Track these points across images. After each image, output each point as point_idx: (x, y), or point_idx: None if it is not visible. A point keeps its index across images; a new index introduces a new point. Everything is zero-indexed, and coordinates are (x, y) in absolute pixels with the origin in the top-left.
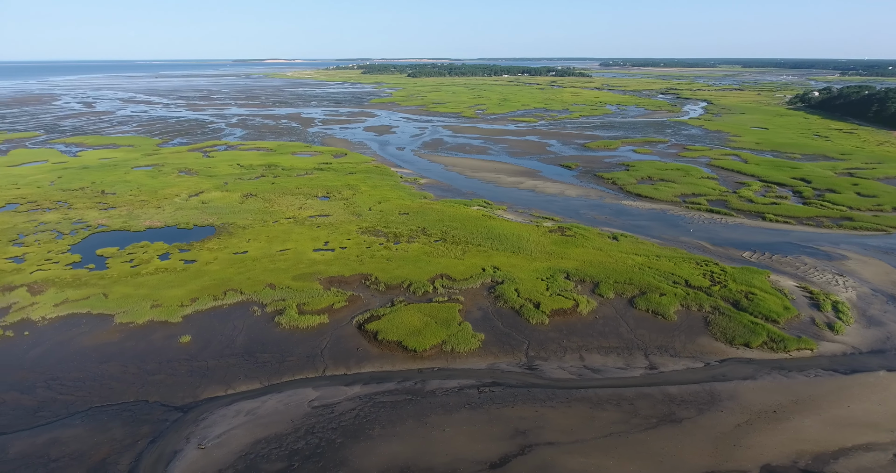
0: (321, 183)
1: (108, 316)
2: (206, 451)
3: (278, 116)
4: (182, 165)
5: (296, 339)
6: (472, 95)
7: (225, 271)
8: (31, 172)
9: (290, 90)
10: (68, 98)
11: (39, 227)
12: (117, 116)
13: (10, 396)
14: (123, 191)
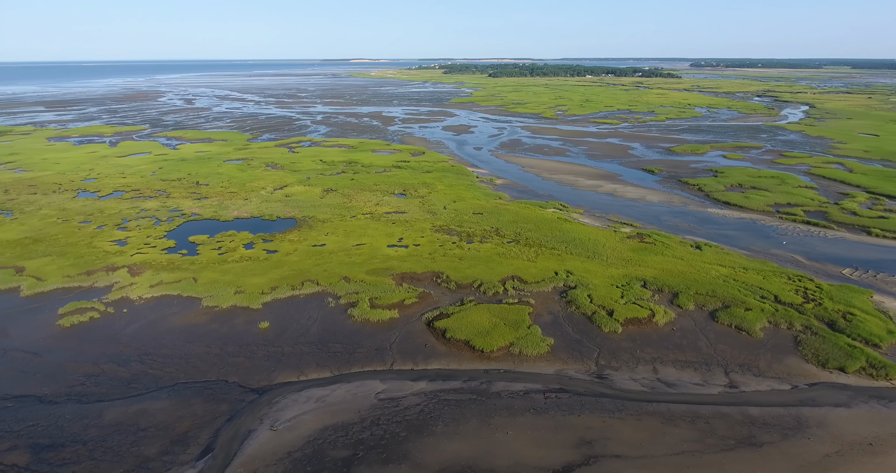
0: (398, 180)
1: (197, 299)
2: (278, 433)
3: (360, 115)
4: (269, 160)
5: (366, 332)
6: (553, 95)
7: (303, 262)
8: (136, 162)
9: (372, 89)
10: (171, 95)
11: (141, 213)
12: (213, 113)
13: (108, 367)
14: (215, 183)
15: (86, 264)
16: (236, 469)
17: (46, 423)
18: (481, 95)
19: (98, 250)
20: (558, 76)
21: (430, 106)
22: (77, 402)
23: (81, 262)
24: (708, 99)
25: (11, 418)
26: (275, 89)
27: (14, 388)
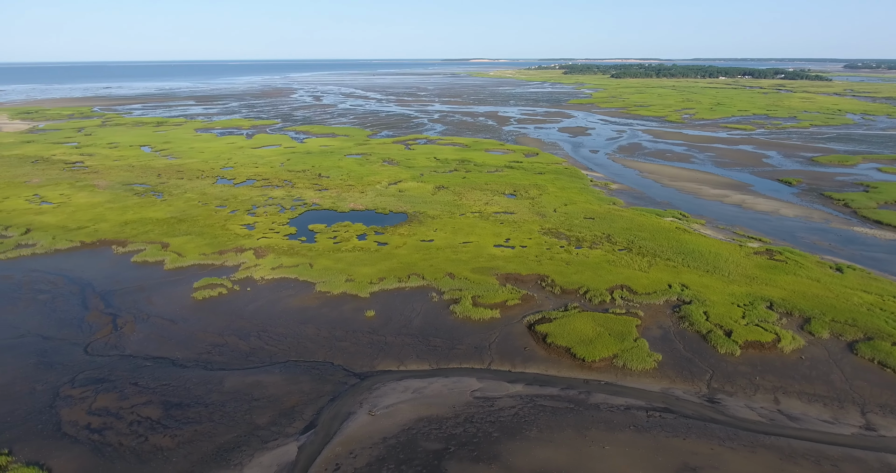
0: (509, 181)
1: (311, 284)
2: (376, 418)
3: (476, 114)
4: (386, 156)
5: (467, 329)
6: (681, 98)
7: (411, 256)
8: (267, 154)
9: (490, 89)
10: (302, 92)
11: (268, 201)
12: (338, 109)
13: (231, 339)
14: (336, 175)
15: (219, 245)
16: (335, 447)
17: (176, 384)
18: (601, 96)
19: (230, 233)
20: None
21: (547, 107)
22: (203, 368)
23: (215, 242)
24: (863, 105)
25: (149, 376)
26: (396, 88)
27: (153, 350)
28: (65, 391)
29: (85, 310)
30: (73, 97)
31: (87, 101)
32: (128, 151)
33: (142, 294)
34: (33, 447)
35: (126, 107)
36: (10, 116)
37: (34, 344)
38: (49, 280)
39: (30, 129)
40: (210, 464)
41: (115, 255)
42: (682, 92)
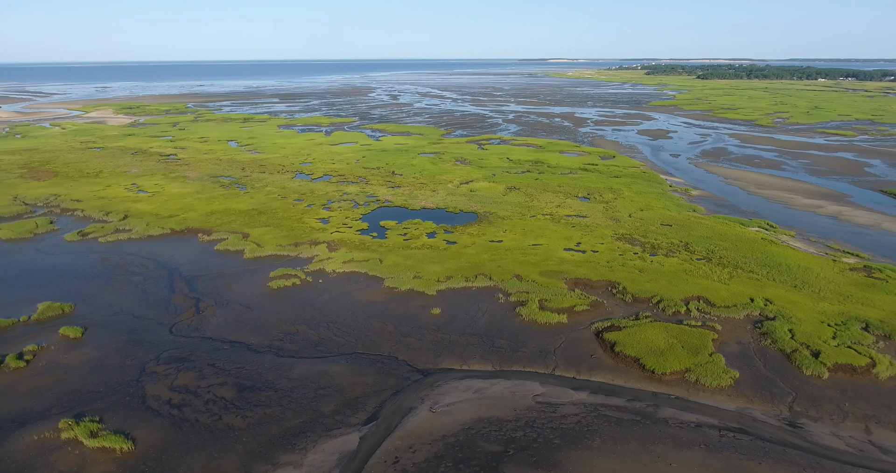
0: (583, 183)
1: (380, 279)
2: (436, 415)
3: (552, 115)
4: (459, 155)
5: (532, 332)
6: (773, 100)
7: (479, 256)
8: (344, 151)
9: (567, 89)
10: (380, 91)
11: (343, 196)
12: (414, 108)
13: (302, 328)
14: (409, 173)
15: (295, 237)
16: (395, 440)
17: (250, 368)
18: (686, 98)
19: (306, 226)
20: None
21: (627, 108)
22: (274, 354)
23: (292, 234)
24: None
25: (226, 359)
26: (472, 88)
27: (230, 334)
28: (150, 368)
29: (171, 293)
30: (170, 94)
31: (182, 98)
32: (216, 146)
33: (222, 281)
34: (120, 416)
35: (216, 104)
36: (115, 110)
37: (126, 322)
38: (142, 264)
39: (131, 123)
40: (276, 446)
41: (200, 243)
42: (775, 94)
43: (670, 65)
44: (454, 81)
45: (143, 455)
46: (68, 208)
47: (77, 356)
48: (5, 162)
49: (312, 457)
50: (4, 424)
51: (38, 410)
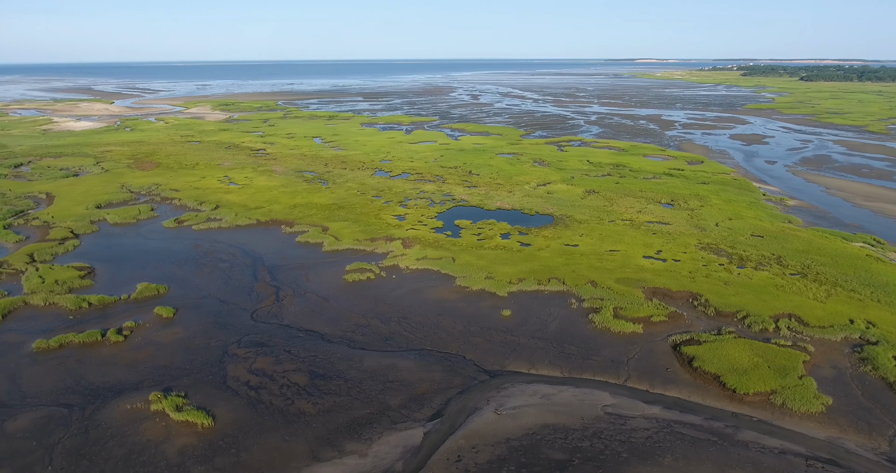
0: (667, 189)
1: (452, 278)
2: (501, 417)
3: (637, 117)
4: (537, 156)
5: (604, 341)
6: (887, 105)
7: (553, 259)
8: (423, 149)
9: (655, 91)
10: (461, 91)
11: (420, 194)
12: (494, 108)
13: (373, 322)
14: (485, 173)
15: (371, 232)
16: (458, 439)
17: (323, 357)
18: (786, 101)
19: (382, 222)
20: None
21: (719, 111)
22: (346, 345)
23: (368, 230)
24: None
25: (300, 347)
26: (554, 88)
27: (306, 323)
28: (232, 350)
29: (254, 280)
30: (261, 92)
31: (273, 95)
32: (302, 142)
33: (301, 272)
34: (203, 394)
35: (304, 101)
36: (213, 107)
37: (213, 305)
38: (229, 251)
39: (226, 119)
40: (343, 434)
41: (283, 234)
42: (890, 99)
43: (770, 66)
44: (536, 82)
45: (221, 432)
46: (167, 196)
47: (168, 335)
48: (116, 153)
49: (377, 448)
50: (103, 392)
51: (132, 382)
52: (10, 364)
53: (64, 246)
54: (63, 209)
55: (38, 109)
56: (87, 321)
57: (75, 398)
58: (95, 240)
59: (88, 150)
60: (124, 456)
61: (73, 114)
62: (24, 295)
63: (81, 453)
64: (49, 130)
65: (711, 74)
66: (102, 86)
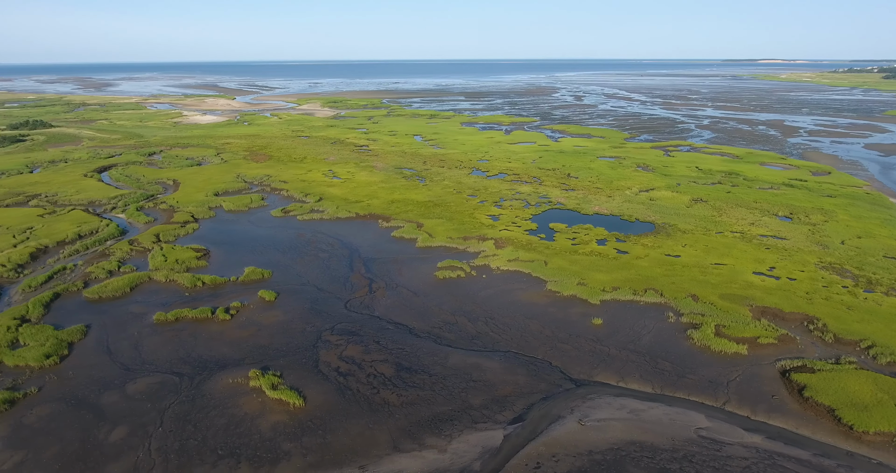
0: (786, 201)
1: (542, 281)
2: (584, 429)
3: (755, 122)
4: (641, 161)
5: (703, 359)
6: None
7: (652, 269)
8: (521, 150)
9: (778, 94)
10: (564, 91)
11: (515, 195)
12: (598, 110)
13: (461, 320)
14: (584, 177)
15: (465, 231)
16: (539, 446)
17: (409, 350)
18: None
19: (476, 221)
20: None
21: (853, 117)
22: (433, 341)
23: (462, 228)
24: None
25: (389, 339)
26: (663, 90)
27: (395, 316)
28: (325, 336)
29: (350, 271)
30: (368, 90)
31: (378, 94)
32: (403, 140)
33: (394, 266)
34: (297, 375)
35: (407, 100)
36: (322, 104)
37: (311, 293)
38: (329, 242)
39: (334, 115)
40: (424, 428)
41: (379, 228)
42: None
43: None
44: (644, 83)
45: (310, 413)
46: (276, 187)
47: (269, 317)
48: (234, 145)
49: (456, 445)
50: (209, 365)
51: (234, 358)
52: (134, 333)
53: (185, 229)
54: (186, 195)
55: (170, 103)
56: (200, 299)
57: (186, 368)
58: (212, 225)
59: (211, 141)
60: (224, 426)
61: (200, 108)
62: (149, 271)
63: (188, 419)
64: (179, 123)
65: (847, 76)
66: (227, 83)
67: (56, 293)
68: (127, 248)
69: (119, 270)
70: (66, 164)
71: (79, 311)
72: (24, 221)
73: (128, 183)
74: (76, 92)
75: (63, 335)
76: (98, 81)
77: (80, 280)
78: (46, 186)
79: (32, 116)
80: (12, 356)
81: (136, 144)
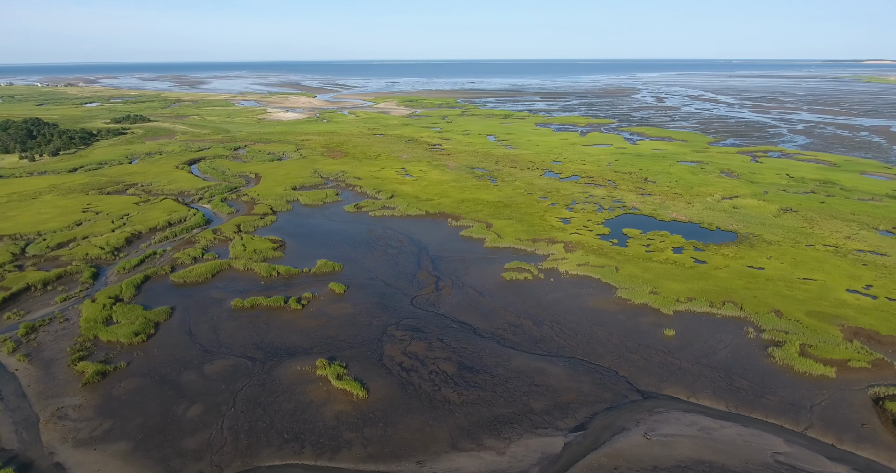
0: (888, 214)
1: (612, 288)
2: (650, 443)
3: (857, 127)
4: (725, 167)
5: (784, 380)
6: None
7: (732, 281)
8: (596, 152)
9: (885, 97)
10: (645, 93)
11: (588, 198)
12: (680, 112)
13: (526, 322)
14: (662, 181)
15: (534, 233)
16: (601, 457)
17: (472, 350)
18: None
19: (546, 224)
20: None
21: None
22: (496, 342)
23: (531, 230)
24: None
25: (452, 337)
26: (754, 92)
27: (460, 315)
28: (390, 331)
29: (417, 269)
30: (444, 90)
31: (453, 93)
32: (476, 139)
33: (462, 265)
34: (361, 367)
35: (482, 100)
36: (398, 102)
37: (378, 287)
38: (398, 239)
39: (409, 114)
40: (483, 429)
41: (448, 227)
42: None
43: None
44: (733, 84)
45: (373, 405)
46: (351, 183)
47: (338, 309)
48: (313, 142)
49: (515, 449)
50: (279, 352)
51: (303, 346)
52: (213, 317)
53: (264, 220)
54: (266, 189)
55: (256, 100)
56: (275, 288)
57: (258, 353)
58: (288, 217)
59: (291, 137)
60: (290, 411)
61: (283, 106)
62: (229, 259)
63: (258, 402)
64: (263, 119)
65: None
66: (308, 81)
67: (146, 276)
68: (211, 236)
69: (203, 257)
70: (160, 156)
71: (165, 293)
72: (122, 207)
73: (214, 175)
74: (172, 89)
75: (151, 316)
76: (192, 78)
77: (167, 265)
78: (143, 176)
79: (133, 111)
80: (106, 332)
81: (223, 139)
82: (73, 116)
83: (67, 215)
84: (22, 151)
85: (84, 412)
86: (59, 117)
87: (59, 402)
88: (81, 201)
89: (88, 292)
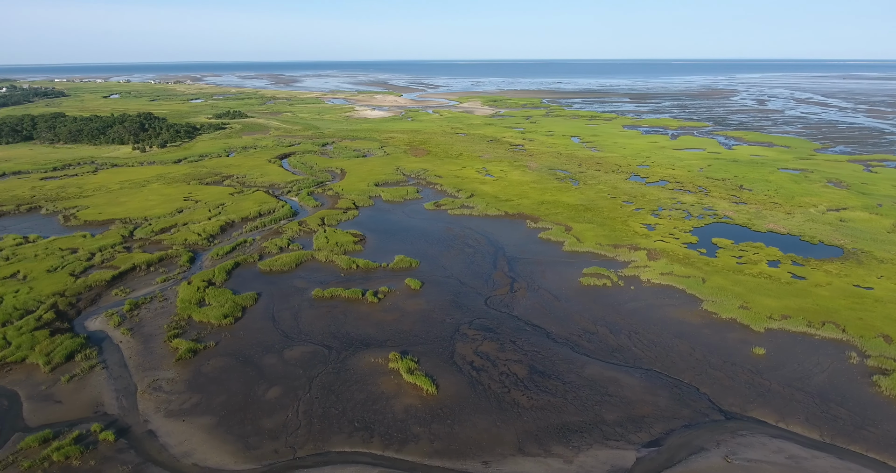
0: None
1: (698, 300)
2: (730, 467)
3: None
4: (833, 176)
5: (890, 411)
6: None
7: (834, 300)
8: (687, 157)
9: None
10: (745, 95)
11: (676, 205)
12: (784, 116)
13: (602, 330)
14: (760, 190)
15: (616, 238)
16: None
17: (545, 355)
18: None
19: (629, 229)
20: None
21: None
22: (570, 348)
23: (613, 235)
24: None
25: (525, 340)
26: (872, 95)
27: (534, 318)
28: (463, 329)
29: (493, 269)
30: (529, 90)
31: (538, 93)
32: (559, 140)
33: (538, 267)
34: (432, 363)
35: (568, 100)
36: (482, 102)
37: (453, 285)
38: (475, 238)
39: (493, 114)
40: (551, 435)
41: (526, 228)
42: None
43: None
44: (846, 87)
45: (441, 402)
46: (431, 181)
47: (413, 304)
48: (396, 139)
49: (583, 459)
50: (355, 342)
51: (378, 339)
52: (295, 305)
53: (346, 215)
54: (350, 184)
55: (345, 98)
56: (353, 281)
57: (335, 342)
58: (370, 213)
59: (376, 135)
60: (362, 401)
61: (370, 104)
62: (312, 250)
63: (332, 389)
64: (350, 117)
65: None
66: (395, 81)
67: (237, 262)
68: (296, 228)
69: (288, 247)
70: (255, 150)
71: (253, 280)
72: (218, 197)
73: (302, 170)
74: (269, 87)
75: (239, 300)
76: (287, 77)
77: (256, 253)
78: (238, 168)
79: (233, 107)
80: (199, 313)
81: (312, 135)
82: (180, 111)
83: (171, 203)
84: (135, 143)
85: (176, 385)
86: (168, 112)
87: (154, 374)
88: (183, 190)
89: (185, 274)
